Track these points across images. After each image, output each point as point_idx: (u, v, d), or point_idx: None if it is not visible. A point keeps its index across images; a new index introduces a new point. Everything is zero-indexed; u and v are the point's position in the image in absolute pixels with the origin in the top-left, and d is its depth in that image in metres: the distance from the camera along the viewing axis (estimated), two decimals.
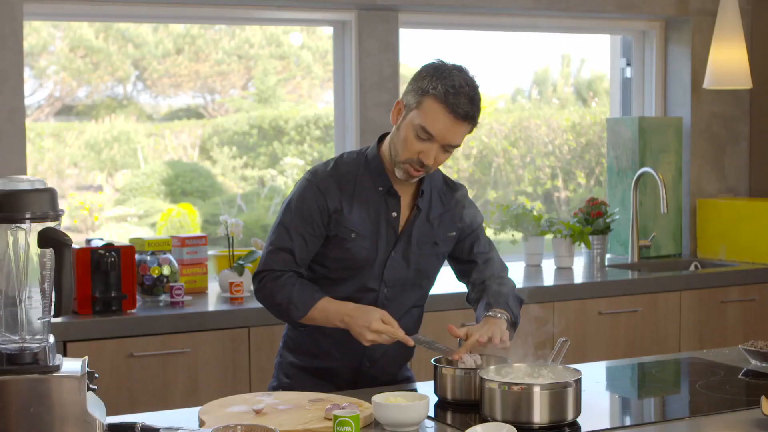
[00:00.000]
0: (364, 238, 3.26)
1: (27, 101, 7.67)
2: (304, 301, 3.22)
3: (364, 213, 3.26)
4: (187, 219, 7.74)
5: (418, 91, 3.14)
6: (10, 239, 2.41)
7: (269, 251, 3.30)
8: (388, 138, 3.28)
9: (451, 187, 3.42)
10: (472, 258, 3.44)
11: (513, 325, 3.28)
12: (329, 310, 3.21)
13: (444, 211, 3.36)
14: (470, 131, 3.18)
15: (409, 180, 3.22)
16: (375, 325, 3.11)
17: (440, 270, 3.46)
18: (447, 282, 5.19)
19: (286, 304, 3.25)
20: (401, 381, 3.46)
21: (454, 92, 3.09)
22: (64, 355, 4.08)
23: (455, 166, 8.53)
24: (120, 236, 7.40)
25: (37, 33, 7.50)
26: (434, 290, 4.87)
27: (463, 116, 3.10)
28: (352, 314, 3.17)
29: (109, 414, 2.84)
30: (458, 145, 3.16)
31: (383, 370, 3.36)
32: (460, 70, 3.16)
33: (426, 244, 3.32)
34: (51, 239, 2.40)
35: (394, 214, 3.28)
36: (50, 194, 2.45)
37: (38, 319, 2.46)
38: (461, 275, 3.52)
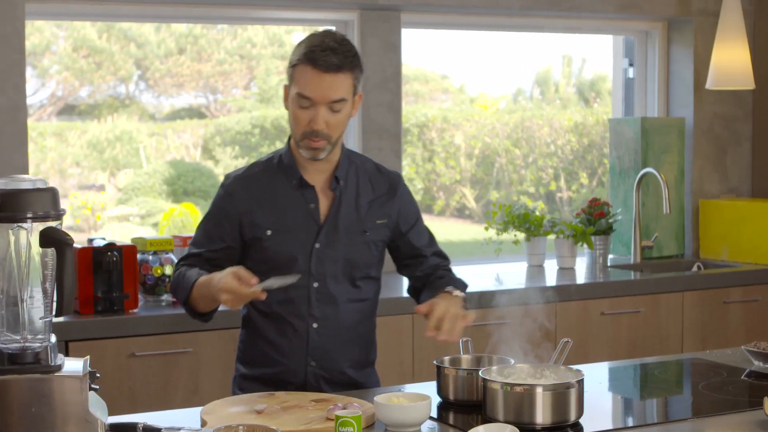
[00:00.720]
0: (282, 234, 3.22)
1: (29, 101, 7.69)
2: (188, 281, 3.19)
3: (280, 209, 3.24)
4: (189, 219, 7.74)
5: (289, 67, 3.18)
6: (12, 239, 2.41)
7: (188, 252, 3.35)
8: None
9: (384, 173, 3.39)
10: (417, 253, 3.42)
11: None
12: (202, 284, 3.13)
13: (374, 197, 3.32)
14: (353, 84, 3.16)
15: (317, 156, 3.17)
16: (223, 282, 2.96)
17: (375, 260, 3.35)
18: None
19: (175, 291, 3.27)
20: (363, 384, 3.36)
21: (314, 49, 3.10)
22: (66, 354, 4.07)
23: (458, 167, 8.53)
24: (122, 236, 7.41)
25: (40, 32, 7.51)
26: None
27: (328, 67, 3.09)
28: (208, 285, 3.08)
29: (110, 414, 2.84)
30: (344, 99, 3.12)
31: (331, 368, 3.25)
32: (320, 33, 3.19)
33: (354, 232, 3.26)
34: (52, 239, 2.40)
35: (312, 205, 3.24)
36: (52, 194, 2.44)
37: (40, 318, 2.46)
38: (403, 269, 3.48)
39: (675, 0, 6.08)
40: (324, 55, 3.09)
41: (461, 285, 3.34)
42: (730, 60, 5.76)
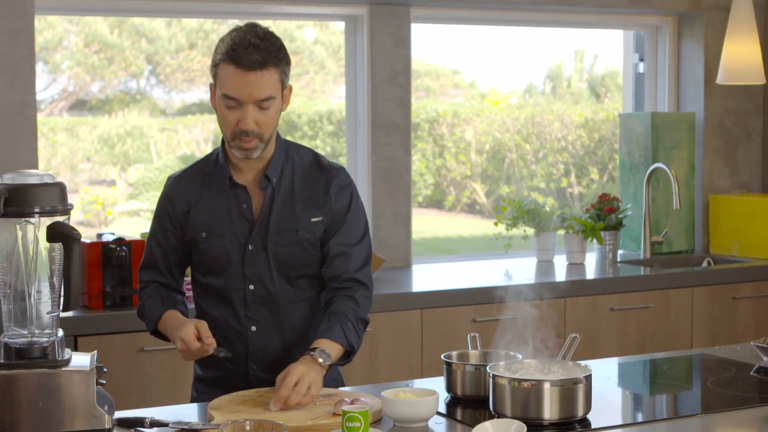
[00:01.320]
0: (216, 236, 3.16)
1: (41, 96, 7.71)
2: (151, 316, 3.21)
3: (215, 210, 3.17)
4: None
5: (212, 67, 3.07)
6: (19, 233, 2.42)
7: (141, 265, 3.33)
8: None
9: (323, 168, 3.23)
10: (327, 249, 3.19)
11: (348, 354, 3.11)
12: (165, 329, 3.17)
13: (310, 194, 3.19)
14: (280, 79, 3.05)
15: (250, 156, 3.07)
16: (182, 332, 2.99)
17: (315, 260, 3.19)
18: (452, 278, 5.21)
19: (141, 318, 3.27)
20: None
21: (235, 47, 2.98)
22: (75, 349, 4.09)
23: (468, 162, 8.52)
24: (132, 231, 7.41)
25: (52, 28, 7.51)
26: (438, 286, 4.91)
27: (252, 65, 2.98)
28: (171, 328, 3.11)
29: (119, 408, 2.85)
30: (271, 97, 3.02)
31: (273, 372, 3.08)
32: (243, 28, 3.06)
33: (286, 231, 3.15)
34: (60, 233, 2.41)
35: (245, 205, 3.15)
36: (59, 188, 2.45)
37: (47, 313, 2.47)
38: (320, 266, 3.23)
39: None
40: (246, 53, 2.98)
41: (350, 325, 3.10)
42: (741, 55, 5.74)
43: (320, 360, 2.96)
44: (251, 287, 3.16)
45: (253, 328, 3.17)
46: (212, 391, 3.17)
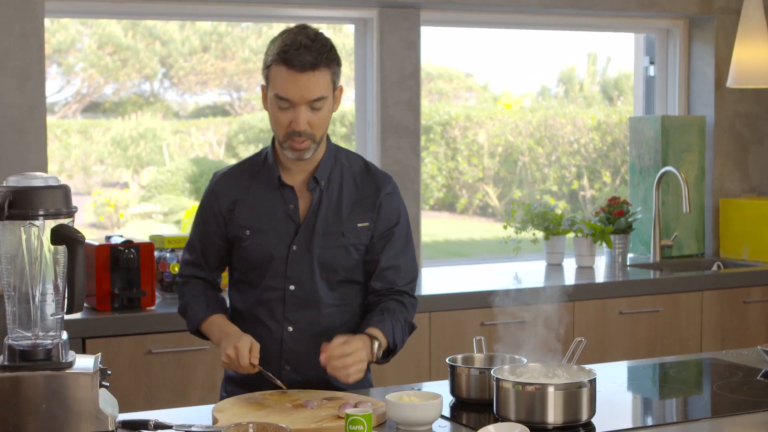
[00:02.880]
0: (260, 234, 3.18)
1: (54, 98, 7.73)
2: (195, 316, 3.24)
3: (260, 208, 3.19)
4: None
5: (264, 68, 3.11)
6: (24, 236, 2.42)
7: (182, 257, 3.37)
8: None
9: (373, 174, 3.26)
10: (377, 262, 3.22)
11: (390, 352, 3.15)
12: (212, 330, 3.20)
13: (358, 199, 3.21)
14: (332, 80, 3.08)
15: (302, 157, 3.09)
16: (230, 349, 3.02)
17: (355, 264, 3.22)
18: (460, 281, 5.21)
19: (183, 315, 3.30)
20: (341, 389, 3.19)
21: (287, 49, 3.01)
22: (83, 351, 4.10)
23: (480, 165, 8.53)
24: (145, 233, 7.43)
25: (65, 30, 7.53)
26: (447, 289, 4.91)
27: (304, 67, 3.01)
28: (225, 333, 3.13)
29: (128, 410, 2.86)
30: (323, 98, 3.05)
31: (307, 374, 3.15)
32: (293, 29, 3.09)
33: (332, 234, 3.17)
34: (64, 236, 2.42)
35: (291, 205, 3.18)
36: (64, 191, 2.46)
37: (51, 315, 2.48)
38: (366, 276, 3.26)
39: None
40: (298, 54, 3.00)
41: (399, 326, 3.16)
42: (752, 58, 5.73)
43: (375, 350, 3.05)
44: (291, 288, 3.17)
45: (290, 329, 3.19)
46: (242, 391, 3.18)
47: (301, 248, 3.16)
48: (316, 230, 3.16)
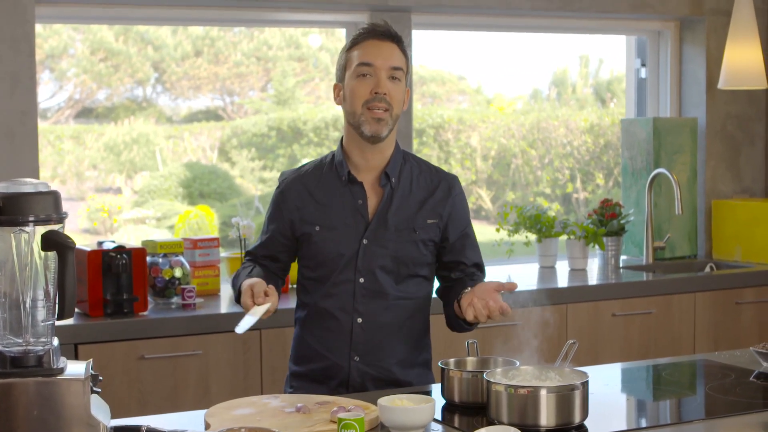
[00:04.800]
0: (330, 230, 3.30)
1: (47, 104, 7.72)
2: (238, 282, 3.34)
3: (329, 205, 3.31)
4: (205, 221, 7.75)
5: (341, 59, 3.32)
6: (14, 242, 2.42)
7: (248, 250, 3.52)
8: (344, 125, 3.35)
9: (441, 173, 3.43)
10: (458, 260, 3.44)
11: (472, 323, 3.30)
12: (244, 288, 3.26)
13: (428, 196, 3.36)
14: (406, 64, 3.31)
15: (379, 132, 3.24)
16: (244, 295, 3.15)
17: (426, 260, 3.38)
18: None
19: (233, 288, 3.42)
20: (411, 384, 3.38)
21: (369, 27, 3.31)
22: (76, 357, 4.09)
23: (473, 167, 8.52)
24: (138, 239, 7.42)
25: (57, 35, 7.52)
26: None
27: (387, 35, 3.27)
28: (247, 282, 3.21)
29: (119, 416, 2.86)
30: (402, 69, 3.26)
31: (376, 365, 3.31)
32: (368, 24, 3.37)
33: (404, 229, 3.31)
34: (54, 242, 2.41)
35: (360, 201, 3.30)
36: (54, 197, 2.45)
37: (42, 321, 2.47)
38: (440, 270, 3.47)
39: (687, 0, 6.07)
40: (382, 28, 3.27)
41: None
42: (743, 59, 5.74)
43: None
44: (361, 280, 3.29)
45: (359, 320, 3.30)
46: (309, 386, 3.30)
47: (372, 243, 3.28)
48: (387, 225, 3.29)
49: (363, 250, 3.28)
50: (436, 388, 3.16)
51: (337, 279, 3.30)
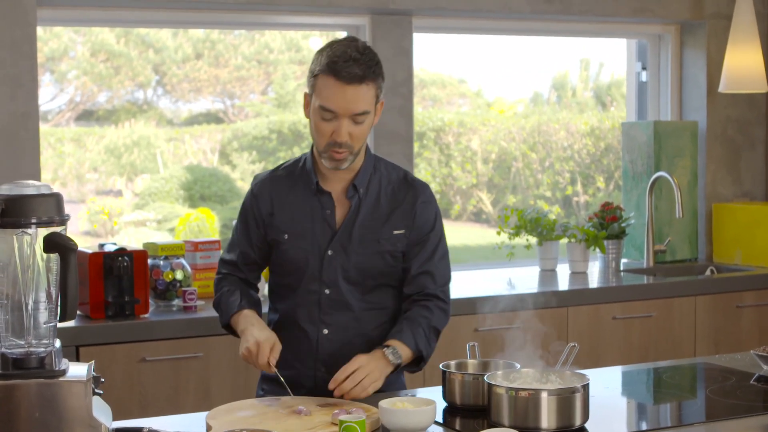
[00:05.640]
0: (298, 238, 3.24)
1: (48, 106, 7.73)
2: (228, 309, 3.29)
3: (298, 213, 3.25)
4: (206, 224, 7.76)
5: (310, 76, 3.14)
6: (16, 244, 2.42)
7: (221, 256, 3.44)
8: None
9: (410, 183, 3.30)
10: (409, 268, 3.27)
11: (417, 360, 3.20)
12: (239, 321, 3.24)
13: (395, 207, 3.26)
14: (376, 94, 3.12)
15: (339, 167, 3.14)
16: (251, 343, 3.08)
17: (395, 270, 3.27)
18: (454, 287, 5.20)
19: (216, 309, 3.36)
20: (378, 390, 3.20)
21: (336, 60, 3.05)
22: (77, 359, 4.10)
23: (474, 171, 8.53)
24: (138, 241, 7.43)
25: (57, 38, 7.54)
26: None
27: (351, 79, 3.04)
28: (251, 325, 3.17)
29: (121, 418, 2.86)
30: (367, 112, 3.09)
31: None
32: (343, 41, 3.14)
33: (369, 241, 3.22)
34: (56, 244, 2.41)
35: (328, 211, 3.23)
36: (56, 199, 2.46)
37: (44, 323, 2.47)
38: (397, 277, 3.31)
39: (688, 3, 6.07)
40: (347, 66, 3.04)
41: (422, 333, 3.20)
42: (743, 63, 5.74)
43: (389, 355, 3.08)
44: (327, 291, 3.23)
45: (326, 332, 3.24)
46: (278, 390, 3.23)
47: (336, 253, 3.22)
48: (353, 236, 3.22)
49: (328, 260, 3.21)
50: (437, 391, 3.16)
51: (304, 289, 3.24)
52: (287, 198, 3.27)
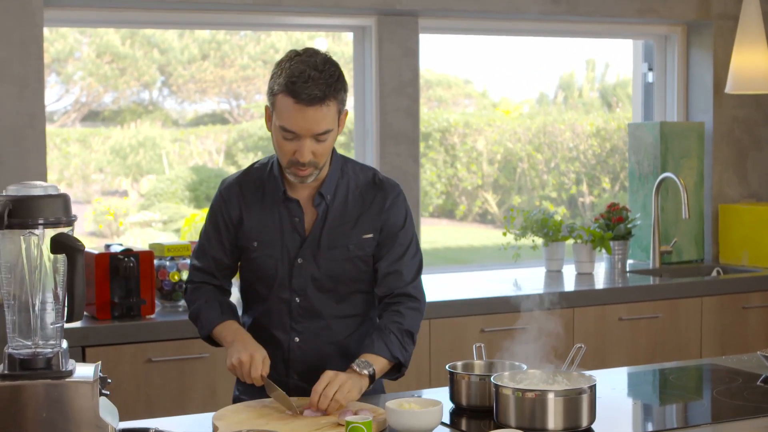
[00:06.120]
0: (267, 247, 3.18)
1: (54, 107, 7.74)
2: (209, 321, 3.23)
3: (267, 221, 3.19)
4: None
5: (270, 93, 3.04)
6: (23, 245, 2.42)
7: (190, 263, 3.35)
8: None
9: (378, 185, 3.24)
10: (378, 268, 3.21)
11: (398, 367, 3.16)
12: (225, 334, 3.18)
13: (363, 211, 3.20)
14: (339, 111, 3.04)
15: (304, 181, 3.09)
16: (242, 356, 3.02)
17: (366, 276, 3.22)
18: (460, 288, 5.21)
19: (194, 321, 3.29)
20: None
21: (294, 80, 2.95)
22: (83, 359, 4.10)
23: (479, 171, 8.53)
24: (144, 242, 7.43)
25: (63, 39, 7.54)
26: (446, 296, 4.90)
27: (311, 101, 2.95)
28: (240, 340, 3.11)
29: (127, 419, 2.86)
30: (329, 131, 3.01)
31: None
32: (302, 55, 3.03)
33: (337, 247, 3.16)
34: (63, 245, 2.42)
35: (297, 218, 3.17)
36: (63, 200, 2.46)
37: (51, 324, 2.48)
38: (370, 282, 3.26)
39: (694, 4, 6.07)
40: (306, 87, 2.95)
41: (397, 340, 3.13)
42: (750, 64, 5.74)
43: (358, 369, 3.01)
44: (297, 299, 3.18)
45: (297, 339, 3.21)
46: (253, 391, 3.20)
47: (306, 261, 3.17)
48: (321, 243, 3.16)
49: (297, 269, 3.16)
50: (443, 392, 3.15)
51: (275, 297, 3.20)
52: (255, 205, 3.21)
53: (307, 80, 2.96)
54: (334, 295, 3.20)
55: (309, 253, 3.16)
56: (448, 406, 3.03)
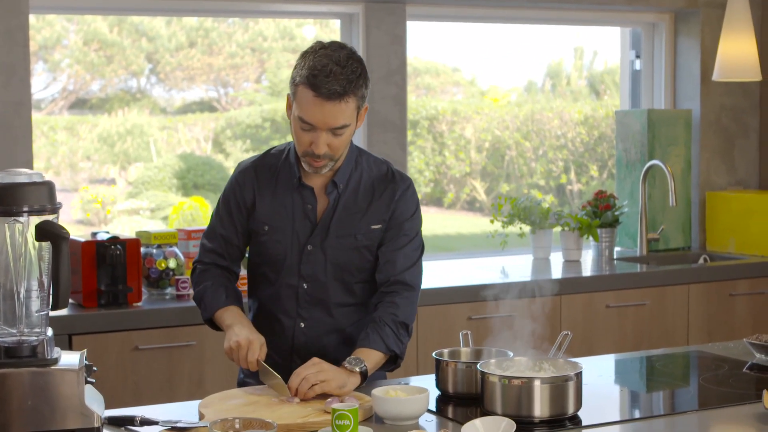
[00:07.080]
0: (277, 232, 3.20)
1: (41, 95, 7.72)
2: (213, 304, 3.25)
3: (280, 207, 3.21)
4: (199, 212, 7.76)
5: (291, 83, 3.06)
6: (8, 233, 2.42)
7: (201, 243, 3.37)
8: None
9: (390, 178, 3.26)
10: (378, 255, 3.23)
11: (394, 359, 3.17)
12: (225, 317, 3.19)
13: (373, 201, 3.22)
14: (358, 107, 3.06)
15: (319, 171, 3.11)
16: (240, 339, 3.03)
17: (370, 266, 3.23)
18: (447, 276, 5.21)
19: (198, 302, 3.31)
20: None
21: (317, 73, 2.97)
22: (70, 347, 4.10)
23: (467, 159, 8.53)
24: (132, 230, 7.42)
25: (50, 26, 7.52)
26: (433, 284, 4.90)
27: (330, 96, 2.97)
28: (239, 324, 3.12)
29: (115, 407, 2.86)
30: (347, 126, 3.03)
31: None
32: (327, 48, 3.04)
33: (345, 236, 3.18)
34: (48, 232, 2.41)
35: (310, 205, 3.19)
36: (48, 187, 2.46)
37: (36, 312, 2.48)
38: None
39: None
40: (327, 81, 2.96)
41: (392, 333, 3.14)
42: (737, 52, 5.74)
43: (349, 366, 3.01)
44: (305, 286, 3.20)
45: (302, 325, 3.22)
46: (257, 376, 3.19)
47: (315, 248, 3.19)
48: (330, 231, 3.19)
49: (306, 256, 3.19)
50: (430, 379, 3.16)
51: (282, 282, 3.22)
52: (269, 190, 3.23)
53: (328, 75, 2.97)
54: (341, 283, 3.22)
55: (318, 240, 3.19)
56: (434, 393, 3.03)
